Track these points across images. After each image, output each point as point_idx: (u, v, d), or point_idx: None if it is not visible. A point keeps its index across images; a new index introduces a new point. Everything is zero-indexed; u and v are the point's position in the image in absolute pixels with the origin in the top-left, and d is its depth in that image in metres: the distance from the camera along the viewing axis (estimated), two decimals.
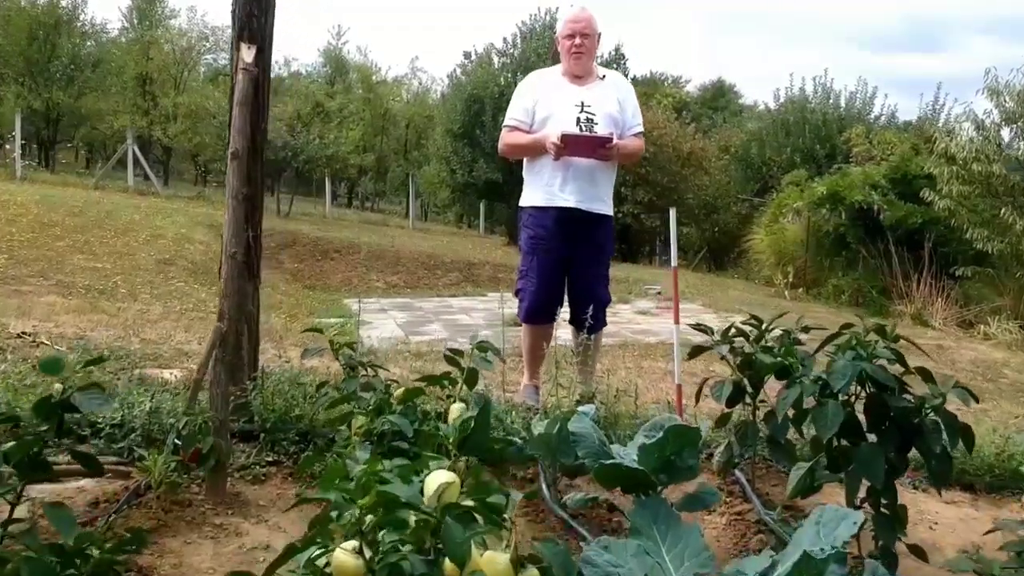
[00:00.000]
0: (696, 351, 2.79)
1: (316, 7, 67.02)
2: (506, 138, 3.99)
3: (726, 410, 2.74)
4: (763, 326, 2.75)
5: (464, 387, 2.37)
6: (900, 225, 12.44)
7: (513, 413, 3.27)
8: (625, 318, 10.66)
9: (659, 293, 12.86)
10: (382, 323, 10.65)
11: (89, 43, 25.41)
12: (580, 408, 2.65)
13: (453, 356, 2.41)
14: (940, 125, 20.37)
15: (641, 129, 4.02)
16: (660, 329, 9.81)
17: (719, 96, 42.52)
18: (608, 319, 4.36)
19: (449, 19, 78.51)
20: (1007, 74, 11.44)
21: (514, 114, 3.98)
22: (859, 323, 2.36)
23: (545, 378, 4.17)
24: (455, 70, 21.45)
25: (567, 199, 3.84)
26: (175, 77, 25.88)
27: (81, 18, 24.83)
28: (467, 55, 21.26)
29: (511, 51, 18.90)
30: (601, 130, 3.80)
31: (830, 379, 2.05)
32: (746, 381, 2.66)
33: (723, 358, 2.70)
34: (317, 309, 11.57)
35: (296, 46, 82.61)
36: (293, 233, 14.38)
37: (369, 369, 2.57)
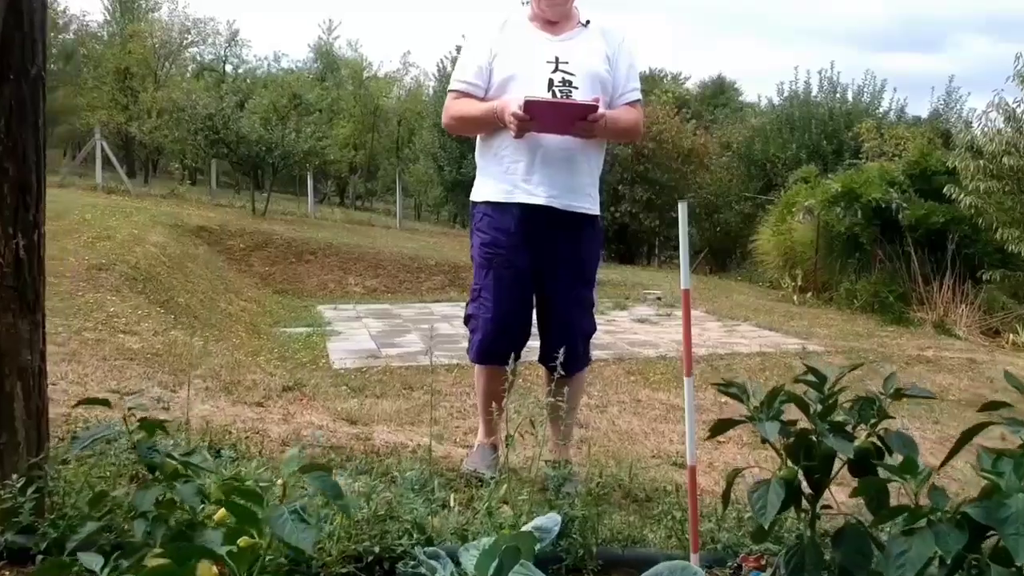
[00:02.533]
0: (723, 427, 1.80)
1: (312, 4, 65.94)
2: (450, 107, 2.88)
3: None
4: (827, 386, 1.75)
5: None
6: (920, 224, 11.46)
7: (452, 500, 2.25)
8: (622, 327, 9.69)
9: (659, 299, 11.87)
10: (354, 333, 9.66)
11: (62, 36, 24.34)
12: (536, 523, 1.65)
13: (242, 504, 1.30)
14: (955, 119, 19.48)
15: (638, 96, 2.92)
16: (660, 340, 8.85)
17: (719, 93, 41.62)
18: (604, 328, 3.27)
19: (447, 17, 77.50)
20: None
21: (462, 74, 2.87)
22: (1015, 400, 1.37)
23: (512, 420, 3.17)
24: (442, 61, 20.39)
25: (534, 193, 2.77)
26: (155, 71, 24.84)
27: (54, 8, 23.69)
28: (459, 49, 20.29)
29: None
30: (582, 95, 2.74)
31: (1005, 535, 1.05)
32: (802, 476, 1.67)
33: (766, 442, 1.70)
34: (284, 317, 10.59)
35: (292, 45, 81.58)
36: (266, 234, 13.37)
37: (191, 468, 1.55)
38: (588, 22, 2.89)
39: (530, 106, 2.60)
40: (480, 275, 2.90)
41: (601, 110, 2.64)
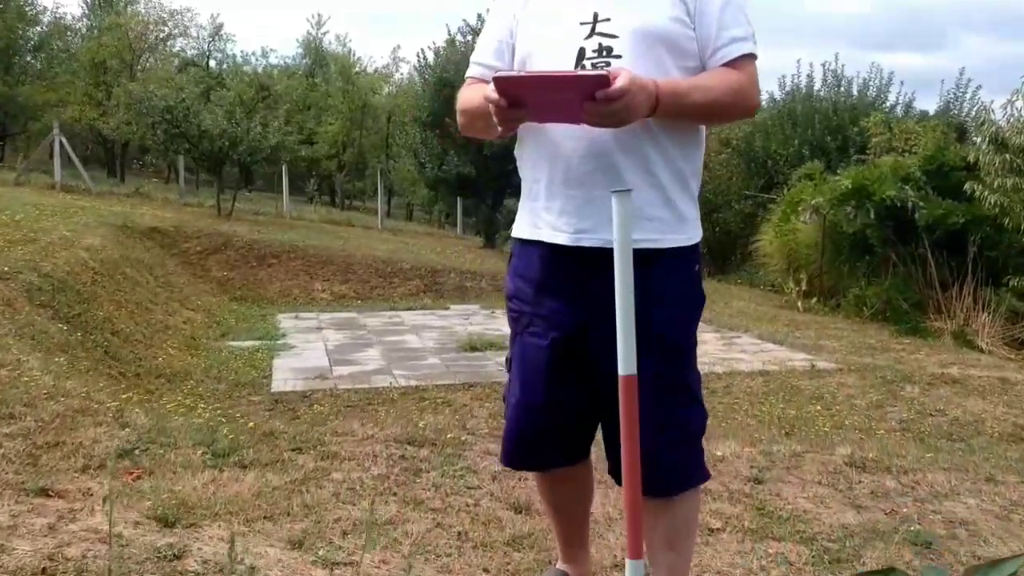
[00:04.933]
0: None
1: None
2: (459, 99, 1.95)
3: None
4: None
5: None
6: (938, 225, 10.42)
7: None
8: None
9: None
10: (308, 347, 8.63)
11: (34, 29, 23.25)
12: None
13: None
14: (967, 111, 18.46)
15: (745, 49, 1.78)
16: None
17: None
18: None
19: (443, 13, 76.30)
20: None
21: (478, 54, 1.94)
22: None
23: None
24: (422, 51, 19.32)
25: (557, 227, 1.80)
26: (130, 64, 23.74)
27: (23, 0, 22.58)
28: (450, 43, 19.26)
29: None
30: (625, 63, 1.67)
31: None
32: None
33: None
34: (235, 329, 9.55)
35: (282, 41, 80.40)
36: (226, 235, 12.34)
37: None
38: None
39: (501, 84, 1.58)
40: (511, 340, 1.95)
41: (622, 83, 1.53)
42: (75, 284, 7.37)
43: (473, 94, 1.84)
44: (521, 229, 1.90)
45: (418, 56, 23.43)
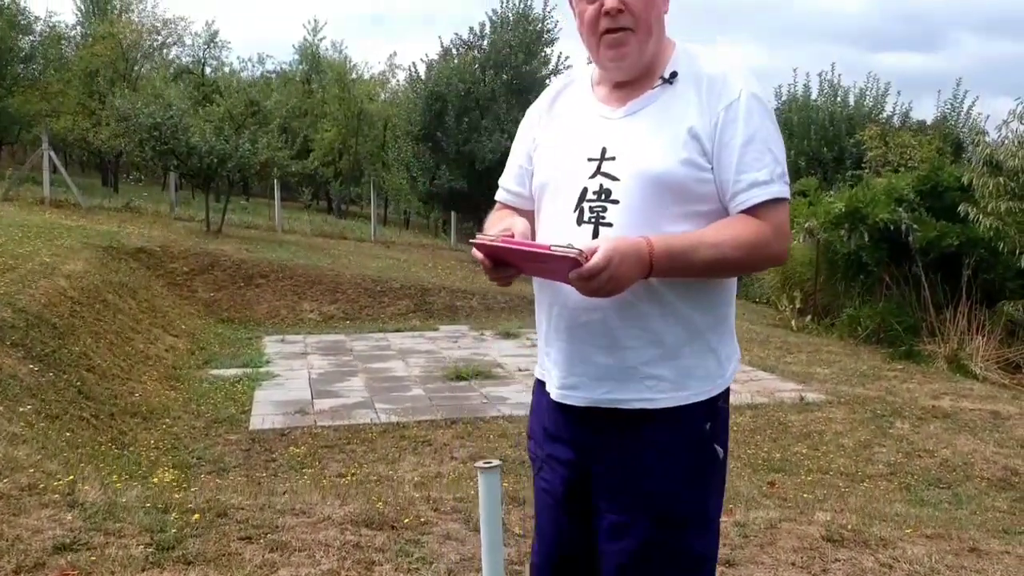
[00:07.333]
0: None
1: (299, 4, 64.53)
2: (486, 224, 1.84)
3: None
4: None
5: None
6: (932, 247, 10.31)
7: None
8: None
9: None
10: (292, 376, 8.51)
11: (26, 38, 23.10)
12: None
13: None
14: (963, 123, 18.36)
15: (771, 193, 1.56)
16: None
17: None
18: None
19: (440, 12, 76.29)
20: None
21: (504, 178, 1.85)
22: None
23: None
24: (414, 65, 19.21)
25: (551, 376, 1.71)
26: (124, 74, 23.60)
27: (15, 3, 22.35)
28: (443, 55, 19.16)
29: (479, 43, 16.58)
30: (625, 215, 1.56)
31: None
32: None
33: None
34: (220, 355, 9.42)
35: (279, 47, 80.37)
36: (213, 255, 12.21)
37: None
38: (674, 75, 1.61)
39: (483, 250, 1.58)
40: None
41: (597, 261, 1.42)
42: (51, 318, 7.24)
43: (491, 225, 1.77)
44: (537, 368, 1.82)
45: (410, 70, 23.33)
